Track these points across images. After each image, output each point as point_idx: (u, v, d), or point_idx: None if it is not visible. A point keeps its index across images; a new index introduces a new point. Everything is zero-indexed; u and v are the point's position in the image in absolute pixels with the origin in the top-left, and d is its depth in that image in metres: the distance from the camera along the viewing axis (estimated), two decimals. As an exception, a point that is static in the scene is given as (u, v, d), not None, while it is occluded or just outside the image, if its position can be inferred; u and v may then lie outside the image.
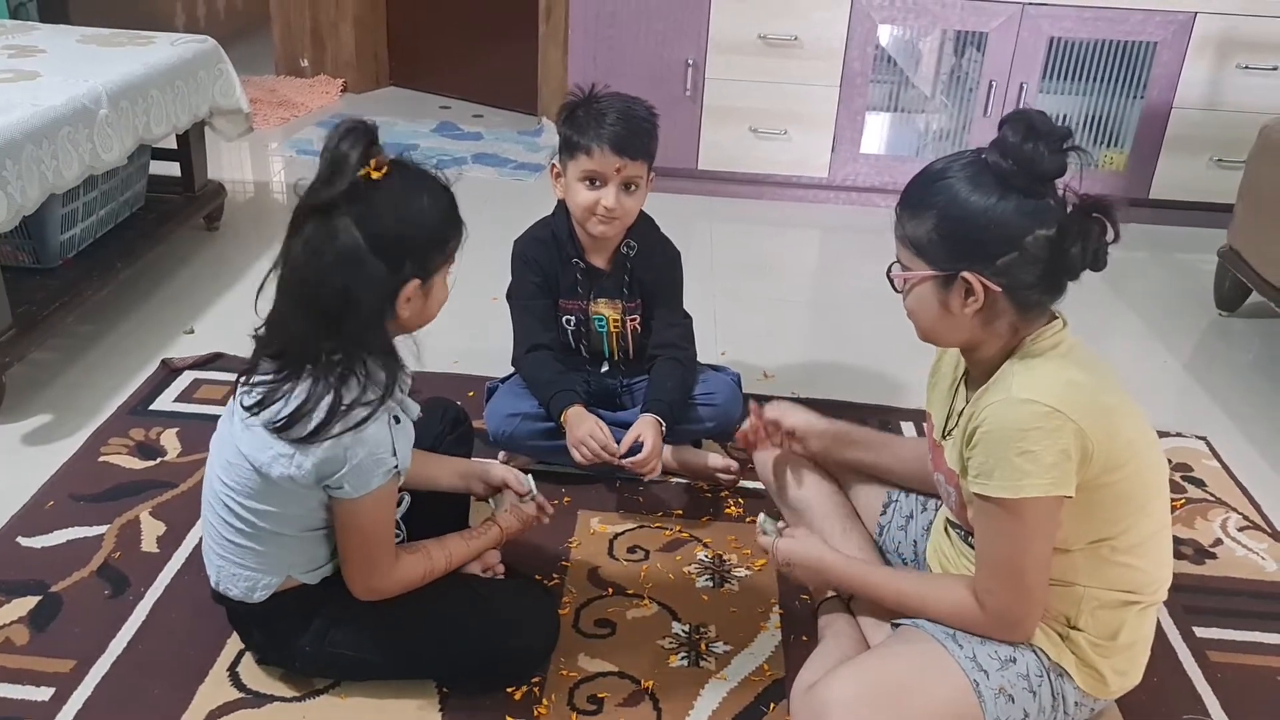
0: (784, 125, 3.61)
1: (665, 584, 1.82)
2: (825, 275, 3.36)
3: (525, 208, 1.93)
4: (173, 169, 3.07)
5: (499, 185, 3.75)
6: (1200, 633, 1.77)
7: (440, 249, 1.38)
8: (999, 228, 1.26)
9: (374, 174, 1.30)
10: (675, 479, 2.10)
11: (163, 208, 2.96)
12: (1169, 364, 2.76)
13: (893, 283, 1.39)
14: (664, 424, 1.93)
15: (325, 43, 4.79)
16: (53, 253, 2.52)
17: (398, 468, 1.39)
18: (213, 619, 1.65)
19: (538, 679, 1.58)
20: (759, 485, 1.87)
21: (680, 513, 2.01)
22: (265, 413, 1.34)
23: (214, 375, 2.39)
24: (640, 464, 1.88)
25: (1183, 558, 1.96)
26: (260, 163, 3.96)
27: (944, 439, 1.47)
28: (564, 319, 2.05)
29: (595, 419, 1.92)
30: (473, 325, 2.46)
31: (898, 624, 1.49)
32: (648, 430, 1.90)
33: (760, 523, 1.66)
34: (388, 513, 1.44)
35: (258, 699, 1.53)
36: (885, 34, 3.56)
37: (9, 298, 2.24)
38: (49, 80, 2.47)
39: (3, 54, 2.69)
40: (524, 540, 1.79)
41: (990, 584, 1.36)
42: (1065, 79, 3.54)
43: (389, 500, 1.43)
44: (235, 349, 2.49)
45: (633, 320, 2.05)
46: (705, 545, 1.92)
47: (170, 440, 2.14)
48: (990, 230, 1.27)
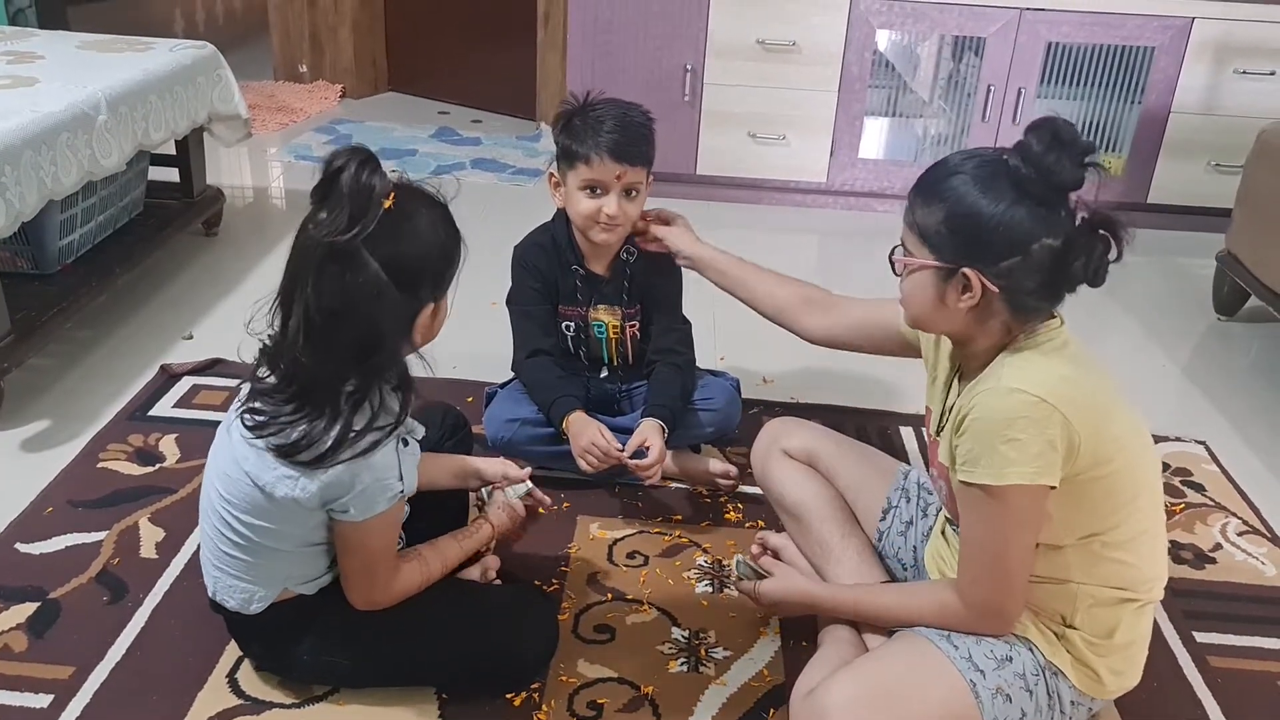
0: (782, 130, 3.62)
1: (665, 589, 1.82)
2: (824, 280, 3.29)
3: (524, 213, 1.93)
4: (171, 174, 3.07)
5: (498, 190, 3.75)
6: (1200, 637, 1.77)
7: (450, 265, 1.38)
8: (1007, 231, 1.27)
9: (386, 204, 1.27)
10: (675, 484, 2.10)
11: (161, 213, 2.97)
12: (1167, 368, 2.76)
13: (893, 265, 1.40)
14: (666, 429, 1.93)
15: (324, 48, 4.80)
16: (51, 258, 2.52)
17: (403, 492, 1.39)
18: (212, 625, 1.65)
19: (537, 685, 1.58)
20: (758, 490, 1.88)
21: (680, 518, 2.01)
22: (272, 438, 1.32)
23: (213, 381, 2.39)
24: (645, 467, 1.88)
25: (1182, 562, 1.96)
26: (259, 168, 3.96)
27: (938, 434, 1.47)
28: (563, 325, 2.05)
29: (597, 425, 1.92)
30: (472, 330, 2.45)
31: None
32: (653, 435, 1.90)
33: (736, 567, 1.66)
34: (391, 534, 1.44)
35: (257, 705, 1.53)
36: (883, 39, 3.56)
37: (8, 303, 2.24)
38: (48, 86, 2.48)
39: (2, 60, 2.69)
40: (523, 545, 1.79)
41: (973, 574, 1.37)
42: (1063, 84, 3.55)
43: (394, 523, 1.43)
44: (234, 354, 2.47)
45: (632, 326, 2.06)
46: (705, 551, 1.92)
47: (169, 446, 2.14)
48: (999, 232, 1.27)
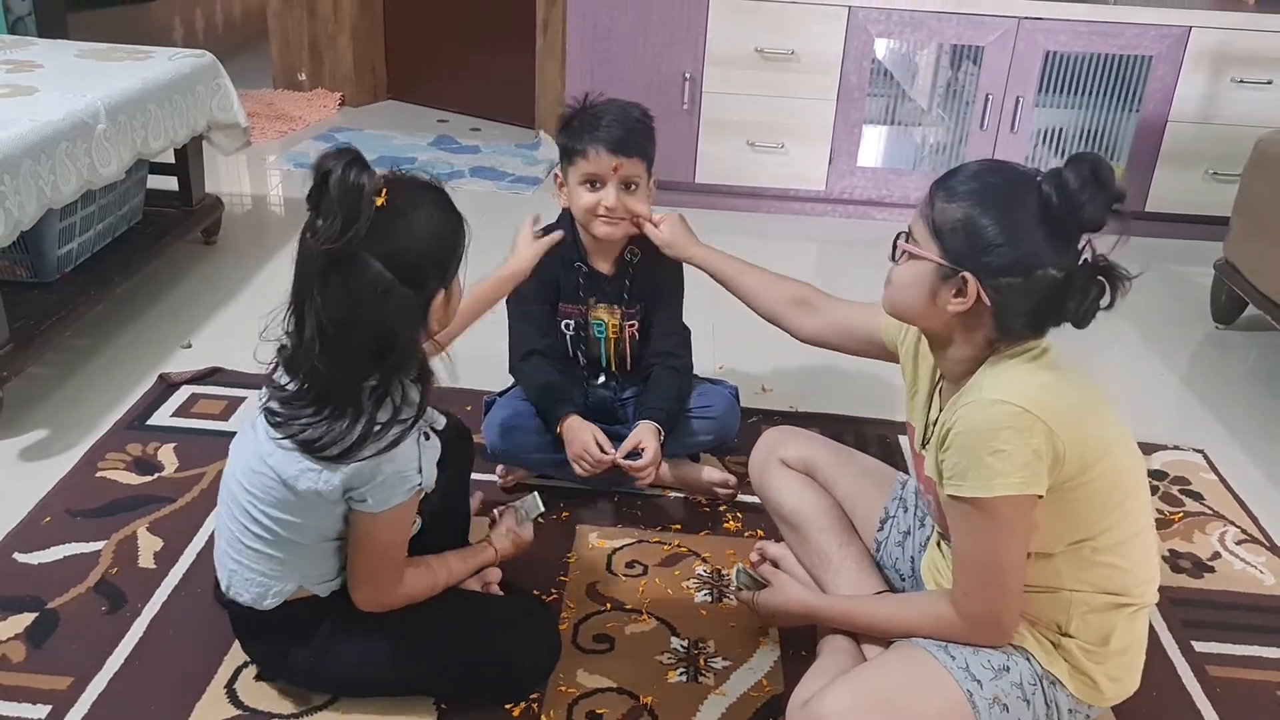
0: (781, 138, 3.63)
1: (664, 599, 1.81)
2: (823, 287, 3.35)
3: (523, 220, 1.93)
4: (170, 183, 3.07)
5: (496, 198, 3.75)
6: (1199, 647, 1.77)
7: (454, 254, 1.38)
8: (1019, 250, 1.28)
9: (377, 200, 1.27)
10: (674, 493, 2.10)
11: (160, 222, 2.97)
12: (1166, 377, 2.76)
13: (894, 248, 1.40)
14: (662, 431, 1.94)
15: (323, 56, 4.80)
16: (50, 267, 2.52)
17: (421, 485, 1.40)
18: (210, 635, 1.65)
19: (536, 695, 1.58)
20: (757, 499, 1.87)
21: (679, 527, 2.01)
22: (297, 436, 1.33)
23: (212, 390, 2.39)
24: (639, 468, 1.89)
25: (1181, 571, 1.96)
26: (258, 176, 3.96)
27: (923, 448, 1.48)
28: (563, 323, 2.05)
29: (592, 429, 1.92)
30: (470, 338, 2.44)
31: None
32: (648, 437, 1.91)
33: (735, 577, 1.66)
34: (404, 530, 1.45)
35: (255, 716, 1.53)
36: (881, 48, 3.57)
37: (6, 312, 2.24)
38: (47, 95, 2.48)
39: (1, 69, 2.70)
40: (523, 554, 1.79)
41: (967, 586, 1.38)
42: (1061, 92, 3.56)
43: (407, 517, 1.44)
44: (233, 363, 2.49)
45: (631, 326, 2.06)
46: (704, 560, 1.92)
47: (168, 455, 2.14)
48: (1010, 248, 1.29)
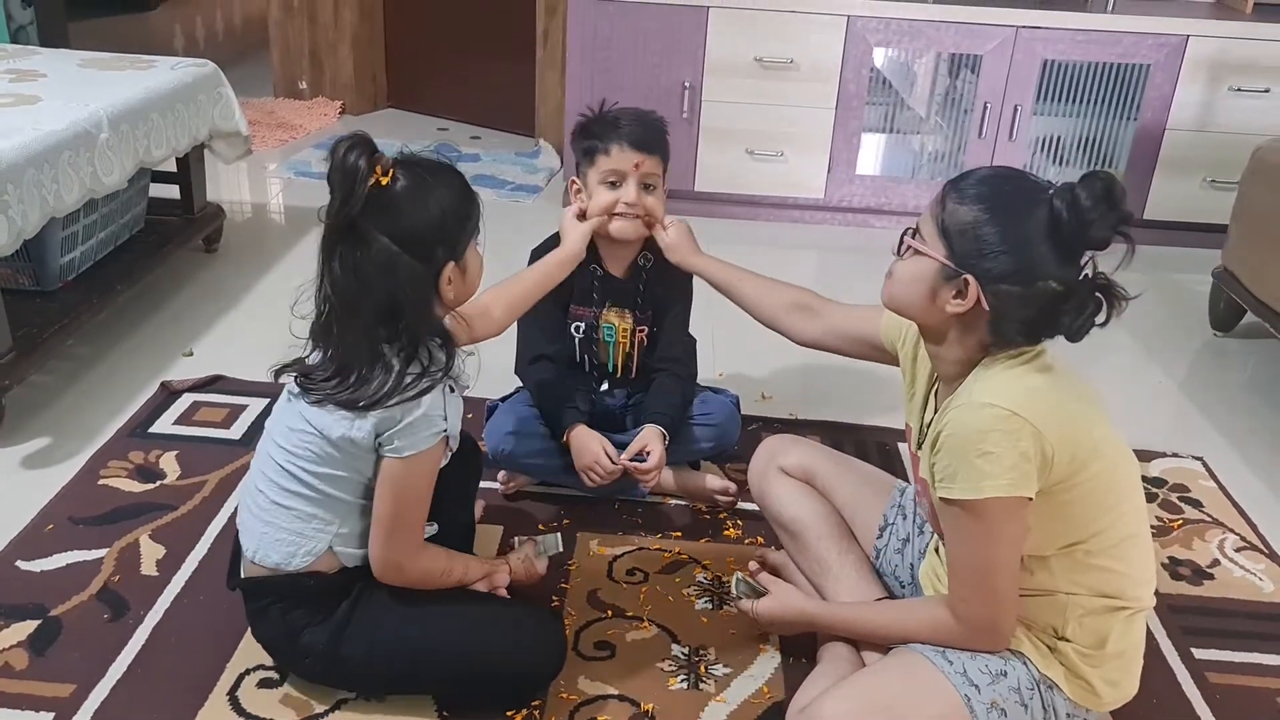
0: (780, 147, 3.64)
1: (665, 606, 1.82)
2: (822, 295, 3.36)
3: (523, 229, 1.94)
4: (172, 191, 3.08)
5: (497, 206, 3.76)
6: (1198, 654, 1.78)
7: (463, 226, 1.45)
8: (1023, 259, 1.30)
9: (382, 179, 1.36)
10: (674, 500, 2.11)
11: (162, 230, 2.98)
12: (1164, 384, 2.77)
13: (900, 242, 1.41)
14: (666, 436, 1.95)
15: (324, 65, 4.81)
16: (52, 275, 2.53)
17: (446, 432, 1.45)
18: (213, 643, 1.66)
19: (538, 702, 1.58)
20: (757, 507, 1.88)
21: (679, 534, 2.01)
22: (331, 399, 1.41)
23: (213, 398, 2.39)
24: (645, 470, 1.90)
25: (1180, 578, 1.97)
26: (259, 184, 3.97)
27: (919, 449, 1.49)
28: (573, 325, 2.05)
29: (601, 440, 1.93)
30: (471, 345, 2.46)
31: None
32: (654, 440, 1.92)
33: (734, 586, 1.66)
34: (428, 481, 1.48)
35: (258, 723, 1.53)
36: (880, 56, 3.58)
37: (9, 320, 2.25)
38: (50, 104, 2.49)
39: (4, 78, 2.71)
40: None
41: (962, 591, 1.39)
42: (1059, 101, 3.57)
43: (431, 468, 1.47)
44: (234, 371, 2.49)
45: (641, 332, 2.06)
46: (704, 567, 1.92)
47: (169, 463, 2.14)
48: (1016, 256, 1.30)
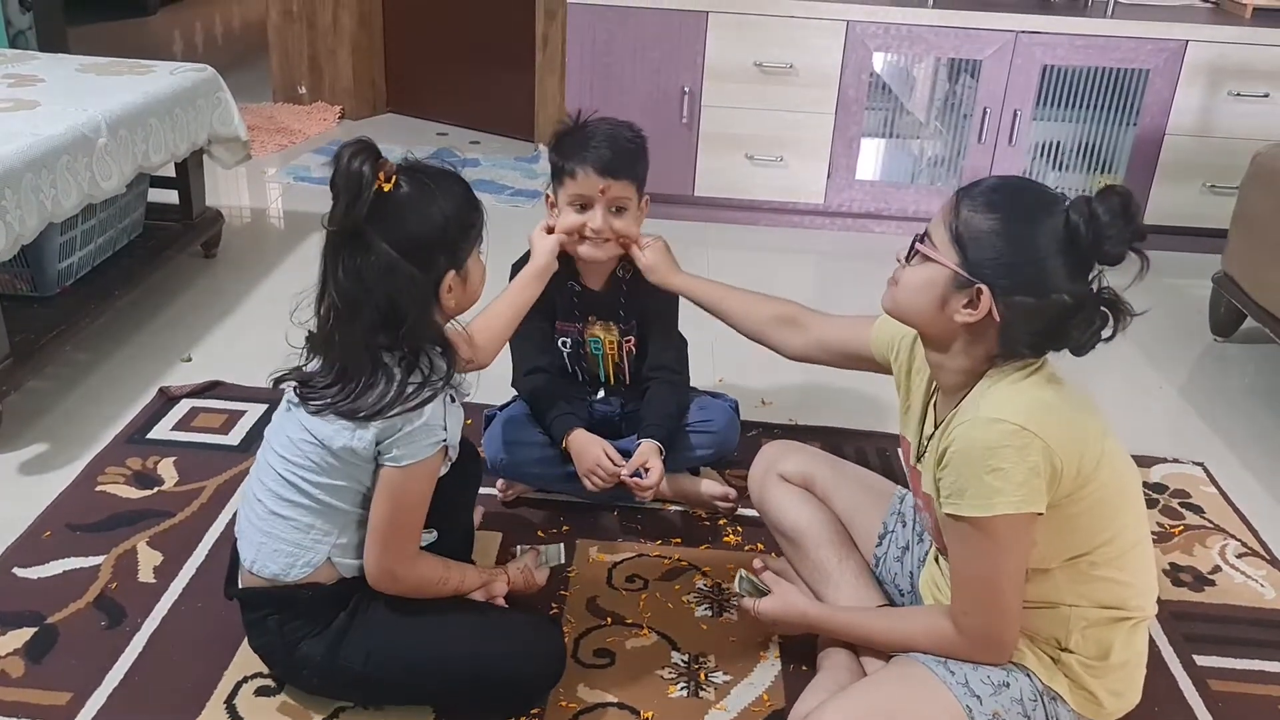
0: (779, 152, 3.63)
1: (664, 613, 1.81)
2: (821, 301, 3.31)
3: (522, 234, 1.93)
4: (171, 196, 3.07)
5: (496, 211, 3.75)
6: (1200, 661, 1.77)
7: (465, 235, 1.45)
8: (1038, 271, 1.29)
9: (385, 185, 1.37)
10: (674, 507, 2.10)
11: (161, 235, 2.97)
12: (1164, 389, 2.77)
13: (911, 249, 1.38)
14: (664, 449, 1.94)
15: (323, 70, 4.81)
16: (51, 281, 2.53)
17: (445, 442, 1.45)
18: (210, 650, 1.65)
19: (537, 710, 1.58)
20: (756, 513, 1.87)
21: (679, 541, 2.01)
22: (333, 407, 1.42)
23: (211, 403, 2.39)
24: (644, 488, 1.90)
25: (1182, 585, 1.96)
26: (258, 190, 3.97)
27: (918, 463, 1.48)
28: (560, 341, 2.05)
29: (601, 443, 1.93)
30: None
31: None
32: (652, 456, 1.92)
33: (738, 584, 1.66)
34: (425, 490, 1.48)
35: (255, 731, 1.53)
36: (880, 61, 3.58)
37: (7, 326, 2.24)
38: (48, 109, 2.48)
39: (2, 83, 2.70)
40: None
41: (966, 605, 1.38)
42: (1059, 106, 3.57)
43: (429, 477, 1.47)
44: (233, 376, 2.49)
45: (628, 342, 2.06)
46: (704, 574, 1.92)
47: (167, 469, 2.14)
48: (1030, 268, 1.29)
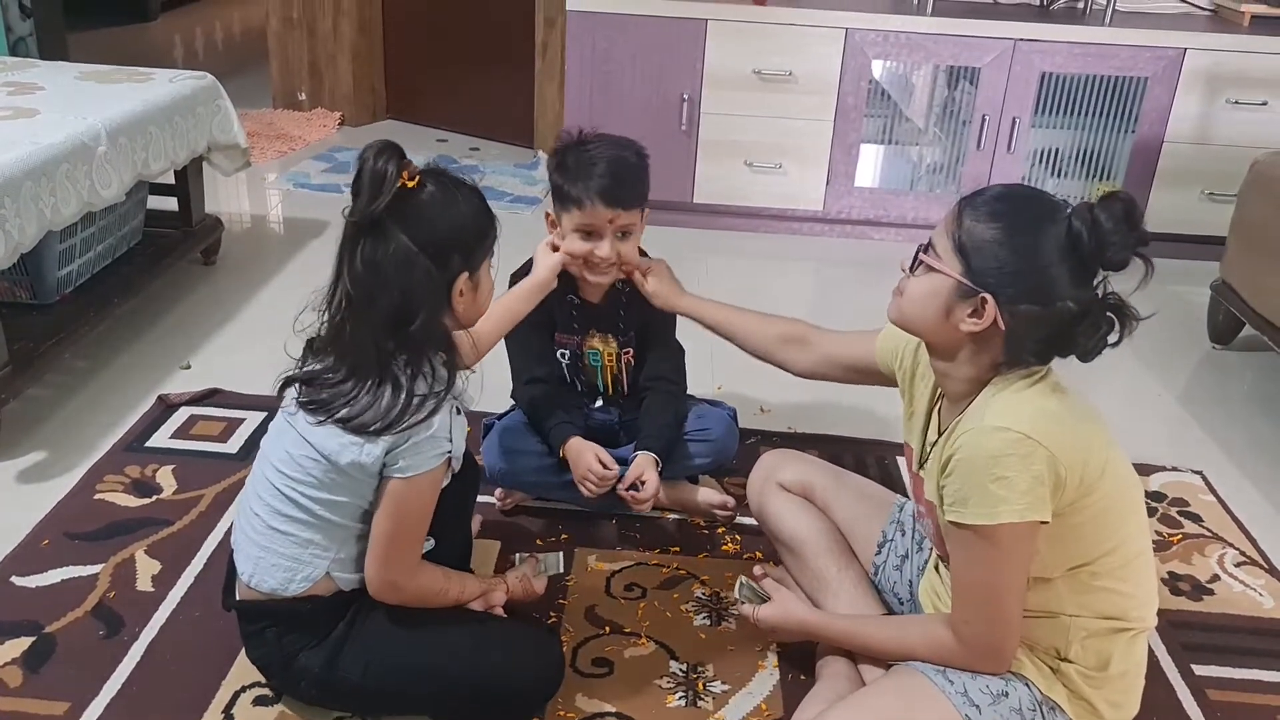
0: (778, 159, 3.64)
1: (663, 622, 1.81)
2: (820, 308, 3.36)
3: (522, 240, 1.93)
4: (170, 204, 3.07)
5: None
6: (1199, 670, 1.77)
7: (481, 242, 1.49)
8: (1043, 279, 1.29)
9: (409, 183, 1.41)
10: (672, 515, 2.10)
11: (160, 243, 2.97)
12: (1163, 397, 2.77)
13: (915, 259, 1.38)
14: (660, 462, 1.94)
15: (323, 76, 4.82)
16: (50, 289, 2.53)
17: (450, 453, 1.47)
18: (209, 659, 1.65)
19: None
20: (755, 521, 1.87)
21: (677, 549, 2.01)
22: (339, 413, 1.42)
23: (211, 411, 2.39)
24: (641, 500, 1.90)
25: (1180, 593, 1.96)
26: (257, 196, 3.97)
27: (921, 470, 1.47)
28: (559, 352, 2.06)
29: (595, 449, 1.93)
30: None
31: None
32: (648, 469, 1.92)
33: (738, 590, 1.66)
34: (428, 501, 1.49)
35: (253, 741, 1.52)
36: (879, 68, 3.58)
37: (6, 334, 2.24)
38: (48, 117, 2.49)
39: (2, 91, 2.70)
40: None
41: (967, 613, 1.38)
42: (1057, 113, 3.57)
43: (433, 488, 1.48)
44: (232, 384, 2.49)
45: (627, 354, 2.06)
46: (703, 582, 1.92)
47: (166, 477, 2.13)
48: (1034, 276, 1.29)
